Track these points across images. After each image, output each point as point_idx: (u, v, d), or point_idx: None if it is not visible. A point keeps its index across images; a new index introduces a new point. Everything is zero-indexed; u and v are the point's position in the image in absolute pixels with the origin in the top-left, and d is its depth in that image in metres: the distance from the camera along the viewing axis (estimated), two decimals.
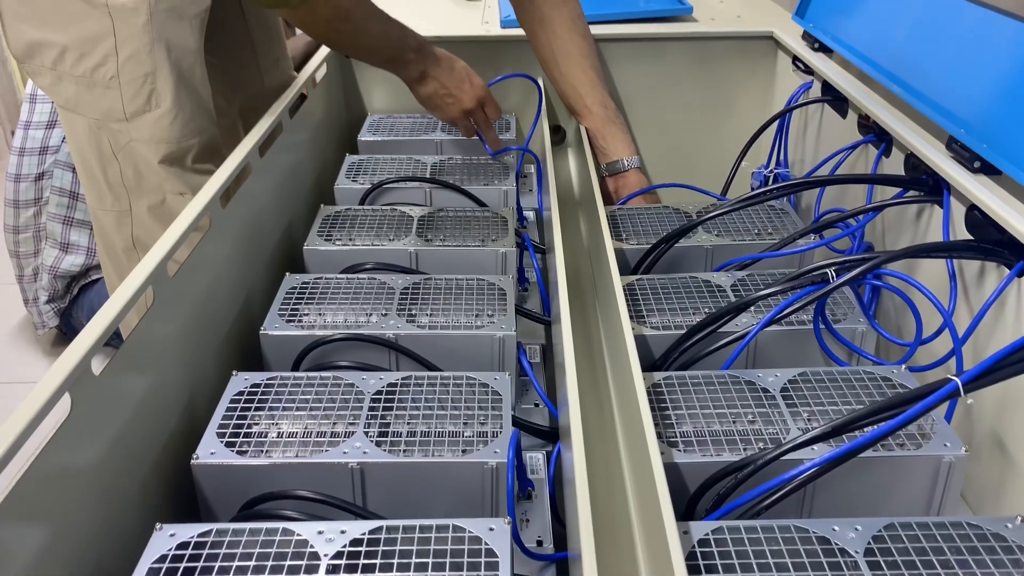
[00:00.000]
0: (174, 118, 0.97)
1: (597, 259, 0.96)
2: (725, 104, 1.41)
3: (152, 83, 0.95)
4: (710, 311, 0.85)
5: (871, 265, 0.71)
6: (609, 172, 1.20)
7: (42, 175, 1.73)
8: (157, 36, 0.94)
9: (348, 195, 1.12)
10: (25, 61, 0.98)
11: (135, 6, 0.92)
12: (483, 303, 0.86)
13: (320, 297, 0.86)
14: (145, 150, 0.99)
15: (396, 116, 1.37)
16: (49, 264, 1.77)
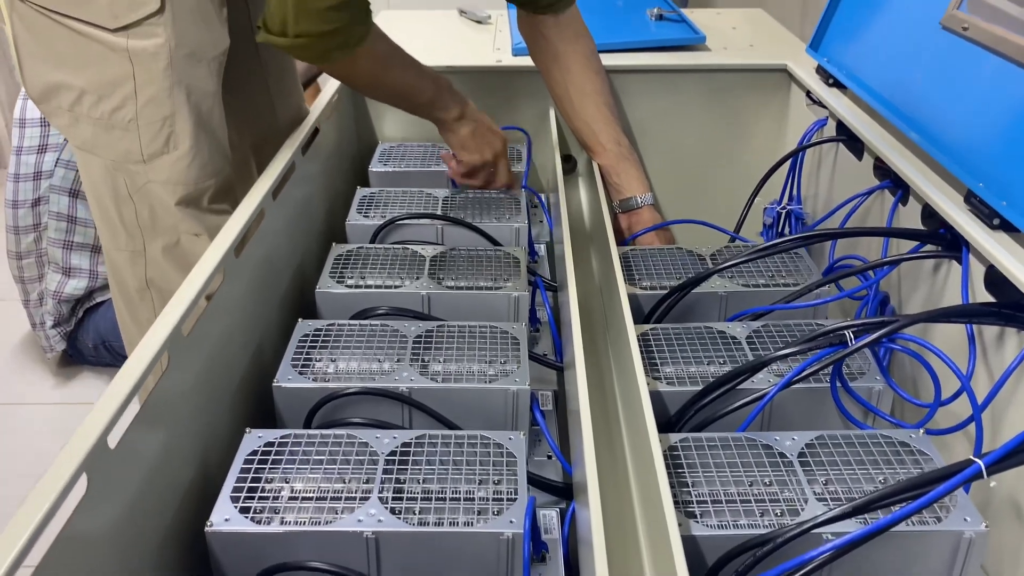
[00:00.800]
0: (192, 160, 0.97)
1: (610, 303, 0.96)
2: (738, 136, 1.40)
3: (171, 126, 0.95)
4: (724, 362, 0.85)
5: (889, 330, 0.71)
6: (622, 209, 1.19)
7: (39, 200, 1.73)
8: (177, 80, 0.94)
9: (359, 231, 1.12)
10: (42, 102, 0.98)
11: (155, 51, 0.92)
12: (496, 351, 0.86)
13: (333, 344, 0.86)
14: (162, 192, 0.98)
15: (407, 144, 1.37)
16: (53, 289, 1.77)
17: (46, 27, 0.92)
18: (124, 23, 0.90)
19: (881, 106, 1.08)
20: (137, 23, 0.90)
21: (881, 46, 1.14)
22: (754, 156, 1.40)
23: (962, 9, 0.96)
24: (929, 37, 1.00)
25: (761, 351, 0.85)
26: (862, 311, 0.92)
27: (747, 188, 1.27)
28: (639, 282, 1.02)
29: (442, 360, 0.85)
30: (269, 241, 0.94)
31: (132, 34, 0.91)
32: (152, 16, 0.91)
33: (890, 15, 1.13)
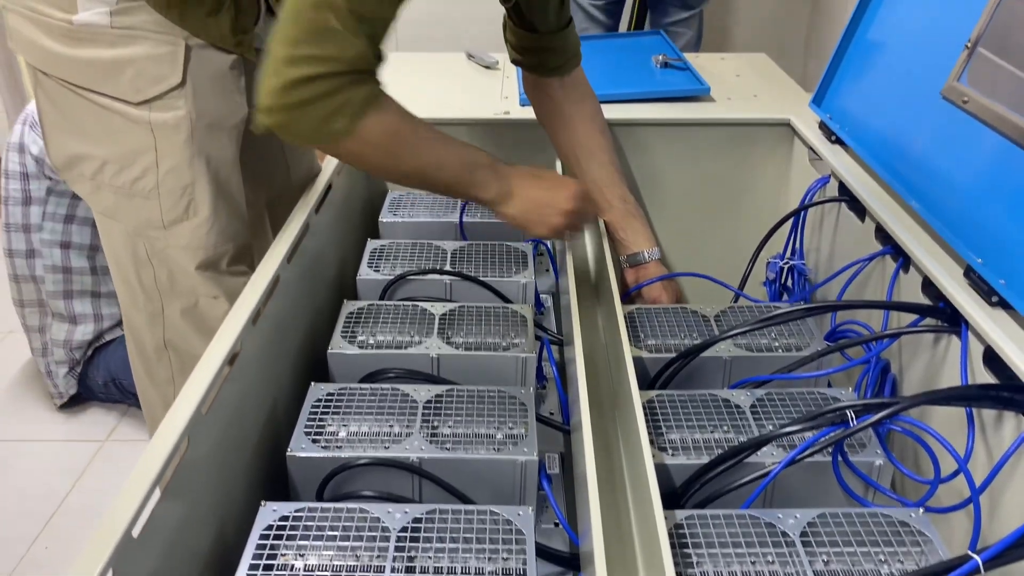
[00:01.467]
0: (211, 227, 0.99)
1: (616, 367, 0.97)
2: (742, 189, 1.42)
3: (191, 194, 0.97)
4: (728, 430, 0.86)
5: (890, 412, 0.72)
6: (630, 264, 1.21)
7: (32, 252, 1.74)
8: (197, 150, 0.96)
9: (370, 286, 1.14)
10: (64, 171, 1.00)
11: (177, 123, 0.94)
12: (504, 417, 0.88)
13: (345, 409, 0.88)
14: (181, 256, 1.00)
15: (415, 193, 1.38)
16: (62, 339, 1.78)
17: (70, 101, 0.94)
18: (146, 97, 0.92)
19: (882, 169, 1.10)
20: (159, 97, 0.93)
21: (883, 108, 1.16)
22: (758, 209, 1.42)
23: (962, 81, 0.98)
24: (932, 104, 1.02)
25: (764, 420, 0.87)
26: (863, 380, 0.93)
27: (751, 240, 1.29)
28: (644, 341, 1.04)
29: (451, 424, 0.87)
30: (283, 303, 0.96)
31: (154, 107, 0.93)
32: (174, 90, 0.93)
33: (893, 77, 1.15)
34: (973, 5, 0.98)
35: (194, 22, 0.92)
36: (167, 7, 0.91)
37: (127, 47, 0.91)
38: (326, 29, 0.79)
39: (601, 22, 2.32)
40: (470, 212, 1.31)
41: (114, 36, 0.91)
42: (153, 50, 0.92)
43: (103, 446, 1.76)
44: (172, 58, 0.93)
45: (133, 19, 0.91)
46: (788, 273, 1.26)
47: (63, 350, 1.79)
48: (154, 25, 0.91)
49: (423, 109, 1.43)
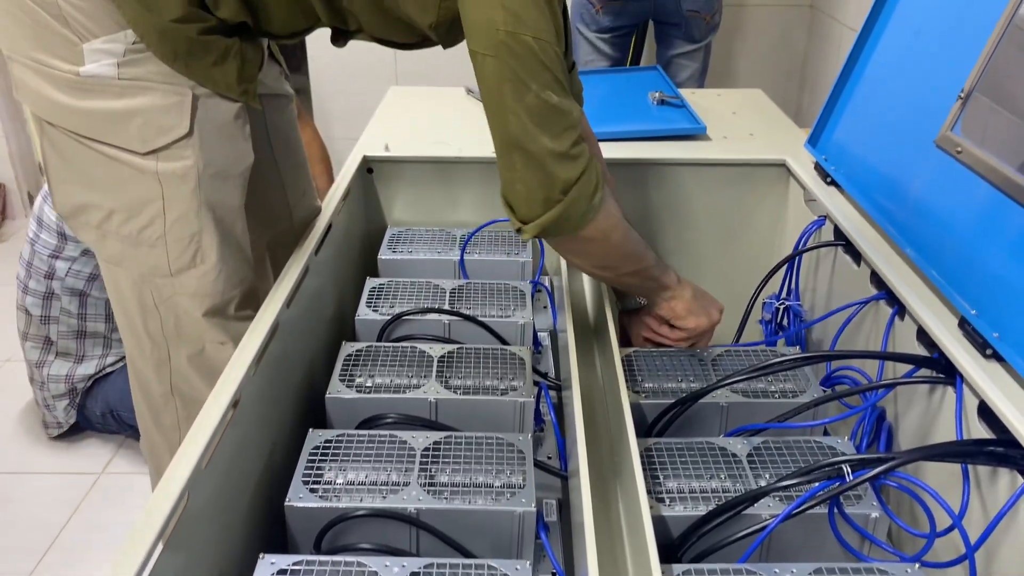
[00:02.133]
0: (218, 274, 1.00)
1: (614, 414, 0.98)
2: (739, 229, 1.43)
3: (198, 242, 0.98)
4: (725, 479, 0.87)
5: (885, 468, 0.73)
6: (624, 308, 1.22)
7: (50, 295, 1.75)
8: (204, 199, 0.96)
9: (369, 326, 1.14)
10: (70, 219, 1.00)
11: (184, 173, 0.95)
12: (503, 464, 0.88)
13: (344, 456, 0.88)
14: (188, 303, 1.01)
15: (415, 229, 1.39)
16: (64, 374, 1.78)
17: (76, 151, 0.95)
18: (154, 147, 0.93)
19: (877, 214, 1.11)
20: (166, 147, 0.93)
21: (878, 151, 1.18)
22: (754, 249, 1.42)
23: (956, 131, 0.99)
24: (927, 150, 1.03)
25: (761, 469, 0.87)
26: (859, 428, 0.94)
27: (747, 279, 1.30)
28: (642, 384, 1.04)
29: (449, 472, 0.87)
30: (282, 346, 0.96)
31: (161, 157, 0.94)
32: (181, 140, 0.94)
33: (888, 121, 1.16)
34: (968, 54, 0.99)
35: (200, 72, 0.93)
36: (174, 58, 0.92)
37: (134, 98, 0.92)
38: (553, 106, 0.85)
39: (607, 54, 2.33)
40: (470, 250, 1.32)
41: (121, 87, 0.91)
42: (160, 100, 0.92)
43: (99, 479, 1.75)
44: (179, 108, 0.93)
45: (140, 70, 0.91)
46: (784, 313, 1.27)
47: (64, 384, 1.79)
48: (161, 76, 0.92)
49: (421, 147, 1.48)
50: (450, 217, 1.44)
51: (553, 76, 0.85)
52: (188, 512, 0.69)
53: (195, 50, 0.93)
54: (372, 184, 1.44)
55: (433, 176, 1.42)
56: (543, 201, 0.88)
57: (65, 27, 0.90)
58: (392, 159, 1.41)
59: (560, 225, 0.90)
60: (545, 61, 0.83)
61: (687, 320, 1.09)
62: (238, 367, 0.83)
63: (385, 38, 1.03)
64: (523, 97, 0.83)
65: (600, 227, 0.93)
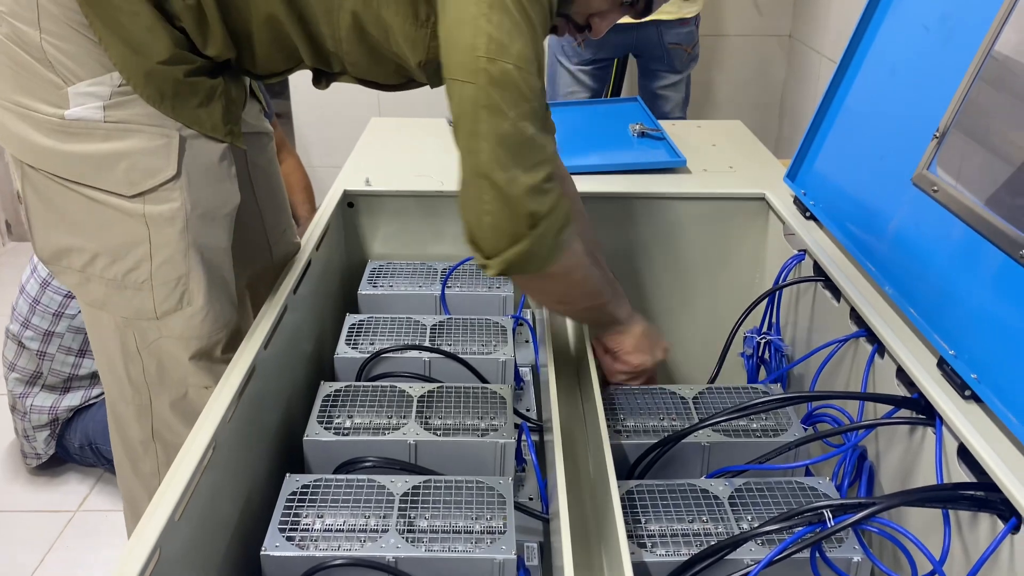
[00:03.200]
0: (205, 315, 0.98)
1: (595, 456, 0.97)
2: (719, 262, 1.43)
3: (185, 284, 0.96)
4: (707, 520, 0.86)
5: (867, 515, 0.72)
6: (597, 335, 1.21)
7: (51, 333, 1.73)
8: (192, 241, 0.95)
9: (348, 364, 1.13)
10: (51, 263, 0.99)
11: (172, 215, 0.94)
12: (483, 508, 0.87)
13: (321, 501, 0.86)
14: (174, 347, 0.99)
15: (396, 263, 1.38)
16: (48, 405, 1.76)
17: (59, 194, 0.94)
18: (141, 190, 0.92)
19: (856, 251, 1.11)
20: (153, 189, 0.92)
21: (856, 187, 1.18)
22: (735, 282, 1.43)
23: (932, 170, 1.00)
24: (904, 187, 1.03)
25: (743, 511, 0.87)
26: (840, 468, 0.93)
27: (728, 312, 1.30)
28: (623, 422, 1.03)
29: (428, 517, 0.86)
30: (259, 387, 0.95)
31: (148, 200, 0.93)
32: (168, 182, 0.92)
33: (866, 157, 1.17)
34: (943, 91, 1.00)
35: (187, 113, 0.92)
36: (160, 100, 0.91)
37: (121, 141, 0.91)
38: (528, 138, 0.83)
39: (588, 85, 2.34)
40: (452, 284, 1.31)
41: (107, 130, 0.90)
42: (147, 143, 0.91)
43: (74, 516, 1.72)
44: (166, 150, 0.92)
45: (126, 112, 0.90)
46: (765, 347, 1.27)
47: (47, 415, 1.76)
48: (147, 118, 0.91)
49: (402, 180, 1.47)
50: (432, 250, 1.44)
51: (531, 108, 0.83)
52: (160, 567, 0.68)
53: (181, 92, 0.92)
54: (353, 218, 1.43)
55: (415, 209, 1.42)
56: (509, 235, 0.86)
57: (49, 70, 0.89)
58: (373, 193, 1.41)
59: (526, 261, 0.88)
60: (525, 91, 0.82)
61: (632, 356, 1.08)
62: (215, 412, 0.82)
63: (369, 79, 1.03)
64: (499, 125, 0.82)
65: (564, 264, 0.92)
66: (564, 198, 0.89)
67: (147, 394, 1.02)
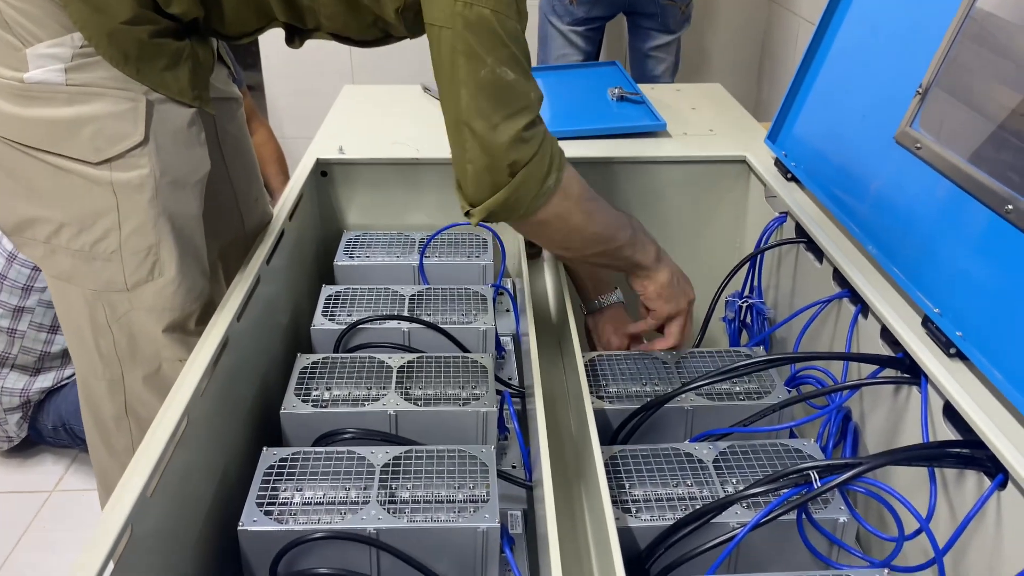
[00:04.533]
0: (178, 286, 0.96)
1: (578, 420, 0.96)
2: (700, 226, 1.42)
3: (156, 254, 0.94)
4: (691, 484, 0.86)
5: (853, 475, 0.72)
6: (587, 311, 1.20)
7: (21, 308, 1.69)
8: (162, 209, 0.92)
9: (325, 336, 1.11)
10: (14, 234, 0.95)
11: (140, 182, 0.91)
12: (465, 477, 0.86)
13: (300, 475, 0.85)
14: (146, 320, 0.97)
15: (372, 233, 1.36)
16: (20, 387, 1.72)
17: (21, 162, 0.90)
18: (107, 156, 0.89)
19: (838, 211, 1.10)
20: (120, 155, 0.89)
21: (838, 147, 1.17)
22: (716, 246, 1.42)
23: (914, 127, 0.99)
24: (886, 146, 1.02)
25: (728, 475, 0.86)
26: (825, 429, 0.93)
27: (710, 277, 1.29)
28: (606, 388, 1.02)
29: (410, 487, 0.85)
30: (234, 360, 0.93)
31: (115, 166, 0.89)
32: (136, 148, 0.89)
33: (847, 116, 1.15)
34: (925, 48, 0.99)
35: (152, 76, 0.89)
36: (124, 61, 0.87)
37: (85, 105, 0.87)
38: (508, 84, 0.82)
39: (580, 48, 2.30)
40: (430, 254, 1.29)
41: (70, 94, 0.87)
42: (113, 107, 0.88)
43: (50, 497, 1.69)
44: (133, 115, 0.89)
45: (90, 75, 0.87)
46: (747, 311, 1.26)
47: (18, 397, 1.73)
48: (112, 81, 0.88)
49: (377, 148, 1.45)
50: (409, 220, 1.42)
51: (511, 53, 0.83)
52: (132, 544, 0.66)
53: (146, 54, 0.89)
54: (326, 188, 1.40)
55: (391, 178, 1.39)
56: (490, 184, 0.86)
57: (6, 31, 0.85)
58: (347, 161, 1.38)
59: (508, 209, 0.88)
60: (503, 36, 0.82)
61: (655, 303, 1.05)
62: (187, 385, 0.80)
63: (344, 34, 1.00)
64: (477, 71, 0.81)
65: (554, 211, 0.91)
66: (552, 142, 0.88)
67: (119, 368, 0.99)
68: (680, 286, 1.06)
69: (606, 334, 1.18)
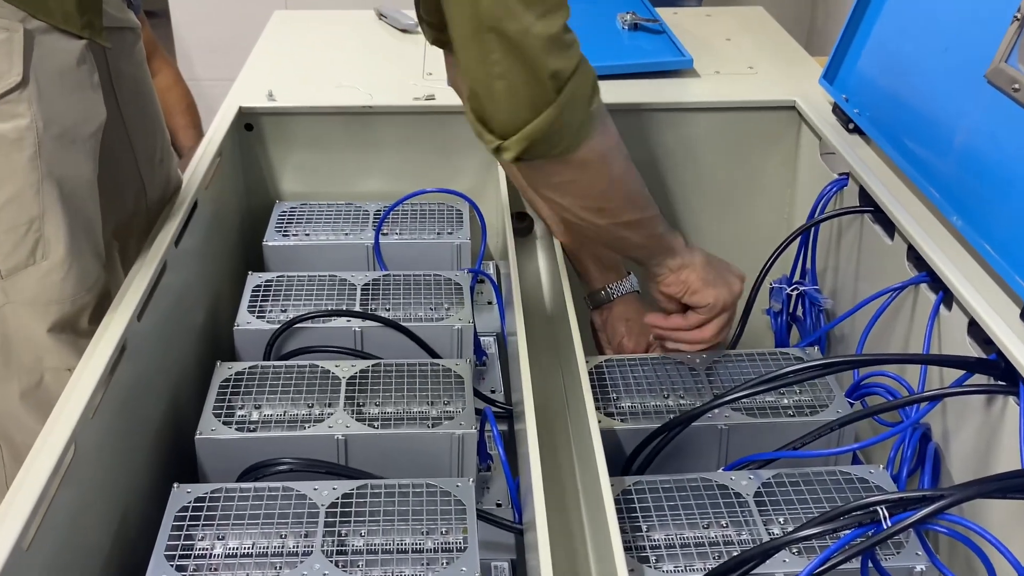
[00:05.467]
0: (67, 271, 0.95)
1: (581, 443, 0.97)
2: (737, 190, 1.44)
3: (39, 230, 0.93)
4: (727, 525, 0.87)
5: (933, 511, 0.72)
6: (593, 304, 1.20)
7: None
8: (47, 172, 0.92)
9: (252, 338, 1.11)
10: None
11: (19, 136, 0.90)
12: (436, 519, 0.86)
13: (222, 519, 0.85)
14: (26, 316, 0.96)
15: (311, 204, 1.37)
16: None
17: None
18: None
19: (914, 171, 1.11)
20: None
21: (914, 89, 1.18)
22: (757, 218, 1.43)
23: (1011, 63, 1.00)
24: (976, 87, 1.03)
25: (773, 513, 0.87)
26: (897, 452, 0.94)
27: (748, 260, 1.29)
28: (616, 403, 1.03)
29: (365, 534, 0.85)
30: (133, 374, 0.93)
31: None
32: (13, 91, 0.89)
33: (926, 49, 1.16)
34: None
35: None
36: None
37: None
38: None
39: None
40: (388, 230, 1.29)
41: None
42: None
43: None
44: (7, 48, 0.88)
45: None
46: (798, 301, 1.27)
47: None
48: None
49: (318, 93, 1.45)
50: (361, 186, 1.43)
51: None
52: None
53: None
54: (253, 145, 1.40)
55: (337, 132, 1.40)
56: (530, 103, 0.85)
57: None
58: (279, 111, 1.38)
59: (552, 137, 0.87)
60: None
61: (704, 294, 1.06)
62: (74, 403, 0.81)
63: None
64: None
65: (598, 147, 0.92)
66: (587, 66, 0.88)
67: None
68: (721, 266, 1.08)
69: (618, 333, 1.18)
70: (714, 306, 1.07)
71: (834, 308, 1.25)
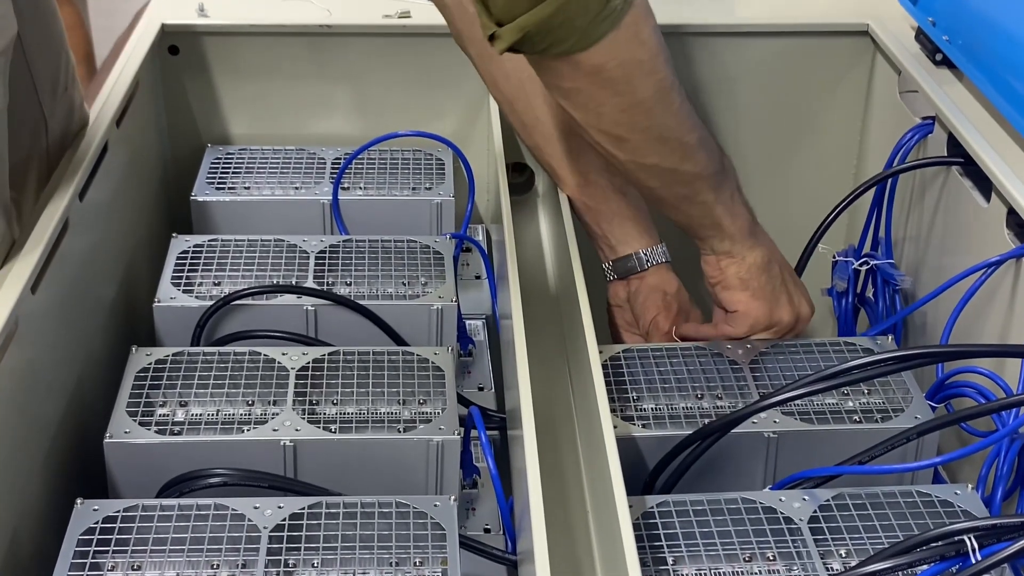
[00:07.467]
0: None
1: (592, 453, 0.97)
2: (793, 136, 1.45)
3: None
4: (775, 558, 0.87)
5: None
6: (616, 274, 1.20)
7: None
8: None
9: (178, 317, 1.12)
10: None
11: None
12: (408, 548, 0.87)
13: (137, 544, 0.86)
14: None
15: (254, 149, 1.37)
16: None
17: None
18: None
19: (1019, 115, 1.11)
20: None
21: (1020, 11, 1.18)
22: (817, 168, 1.45)
23: None
24: None
25: (833, 544, 0.88)
26: (991, 469, 0.95)
27: (805, 223, 1.30)
28: (638, 404, 1.04)
29: (317, 564, 0.86)
30: (26, 361, 0.94)
31: None
32: None
33: None
34: None
35: None
36: None
37: None
38: None
39: None
40: (351, 180, 1.30)
41: None
42: None
43: None
44: None
45: None
46: (867, 278, 1.27)
47: None
48: None
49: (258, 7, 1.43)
50: (315, 128, 1.44)
51: None
52: None
53: None
54: (178, 74, 1.41)
55: (285, 59, 1.42)
56: None
57: None
58: (212, 30, 1.39)
59: (555, 28, 0.88)
60: None
61: (736, 297, 1.09)
62: None
63: None
64: None
65: (620, 55, 0.92)
66: None
67: None
68: (782, 283, 1.09)
69: (653, 307, 1.18)
70: (744, 317, 1.09)
71: (913, 288, 1.26)
